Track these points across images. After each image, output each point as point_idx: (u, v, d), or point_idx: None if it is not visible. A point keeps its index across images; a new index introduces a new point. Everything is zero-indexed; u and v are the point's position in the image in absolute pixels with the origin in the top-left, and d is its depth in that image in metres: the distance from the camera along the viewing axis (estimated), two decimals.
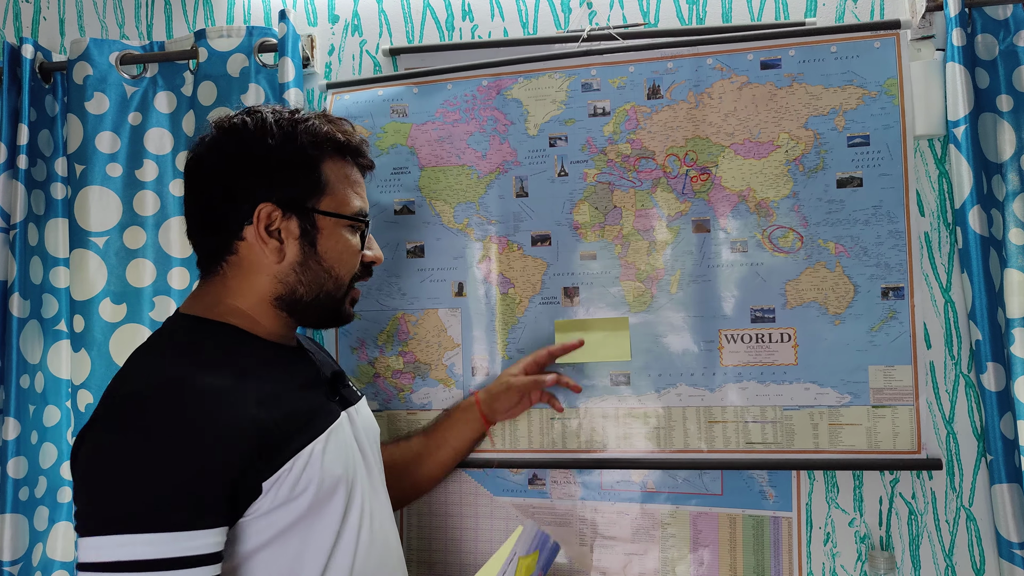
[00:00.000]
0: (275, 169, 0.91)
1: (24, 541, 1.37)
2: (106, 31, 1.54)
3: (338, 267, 0.94)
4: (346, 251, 0.95)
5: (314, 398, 0.93)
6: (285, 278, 0.92)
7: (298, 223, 0.91)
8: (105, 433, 0.77)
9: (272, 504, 0.80)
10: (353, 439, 0.97)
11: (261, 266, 0.91)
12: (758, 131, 1.25)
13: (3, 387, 1.38)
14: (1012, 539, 1.16)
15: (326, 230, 0.93)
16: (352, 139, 0.97)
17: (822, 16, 1.32)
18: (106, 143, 1.40)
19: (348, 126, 0.98)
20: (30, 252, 1.42)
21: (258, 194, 0.90)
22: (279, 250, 0.90)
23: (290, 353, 0.97)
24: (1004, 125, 1.22)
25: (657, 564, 1.28)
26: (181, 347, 0.87)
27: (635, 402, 1.27)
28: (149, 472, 0.73)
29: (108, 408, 0.79)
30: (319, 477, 0.84)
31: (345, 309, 0.99)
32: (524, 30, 1.41)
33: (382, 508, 0.99)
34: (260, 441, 0.79)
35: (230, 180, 0.90)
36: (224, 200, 0.91)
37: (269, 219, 0.90)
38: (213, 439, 0.76)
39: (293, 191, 0.91)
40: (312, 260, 0.92)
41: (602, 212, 1.30)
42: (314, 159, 0.93)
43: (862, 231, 1.21)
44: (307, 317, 0.97)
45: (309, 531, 0.84)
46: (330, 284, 0.94)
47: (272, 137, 0.91)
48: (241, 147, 0.91)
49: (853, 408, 1.20)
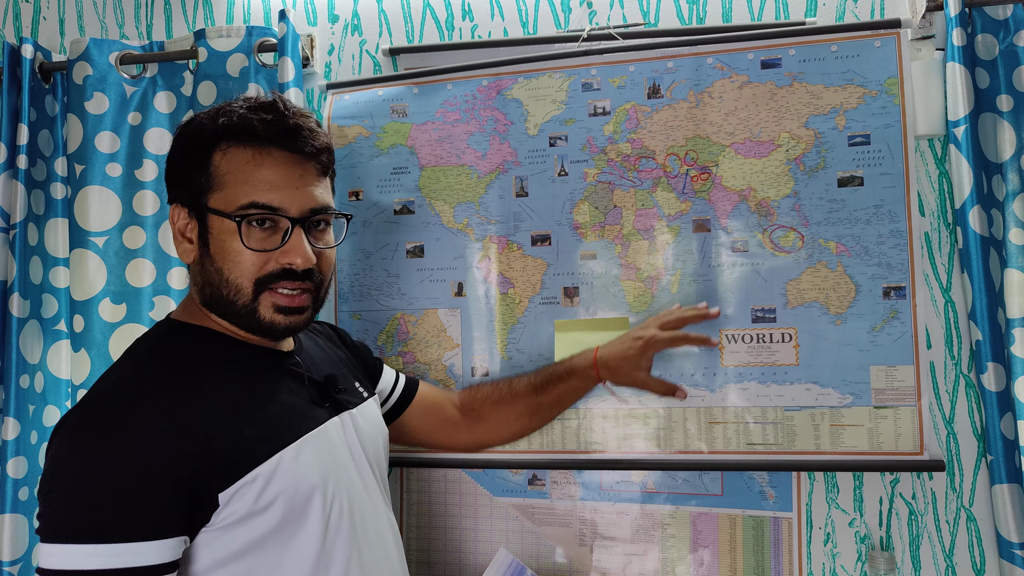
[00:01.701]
0: (178, 169, 0.90)
1: (24, 541, 1.37)
2: (106, 31, 1.54)
3: (227, 268, 0.86)
4: (232, 250, 0.85)
5: (292, 405, 0.90)
6: (195, 279, 0.91)
7: (197, 222, 0.88)
8: (64, 440, 0.78)
9: (235, 516, 0.79)
10: (344, 445, 0.93)
11: (190, 267, 0.92)
12: (759, 130, 1.25)
13: (3, 387, 1.38)
14: (1012, 539, 1.16)
15: (214, 228, 0.86)
16: (238, 120, 0.85)
17: (822, 16, 1.32)
18: (106, 143, 1.40)
19: (261, 108, 0.87)
20: (30, 252, 1.42)
21: (172, 195, 0.91)
22: (189, 251, 0.90)
23: (271, 357, 0.93)
24: (1004, 125, 1.22)
25: (657, 565, 1.28)
26: (150, 355, 0.87)
27: (635, 403, 1.26)
28: (95, 483, 0.74)
29: (72, 413, 0.80)
30: (291, 487, 0.83)
31: (262, 316, 0.87)
32: (524, 30, 1.41)
33: (378, 517, 0.95)
34: (211, 453, 0.78)
35: (166, 186, 0.93)
36: (168, 203, 0.93)
37: (179, 219, 0.90)
38: (157, 452, 0.75)
39: (189, 189, 0.88)
40: (207, 260, 0.87)
41: (602, 212, 1.30)
42: (205, 150, 0.87)
43: (863, 230, 1.21)
44: (235, 324, 0.90)
45: (286, 545, 0.83)
46: (224, 287, 0.86)
47: (178, 135, 0.91)
48: (168, 154, 0.92)
49: (855, 409, 1.19)
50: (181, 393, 0.81)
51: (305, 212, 0.87)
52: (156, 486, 0.75)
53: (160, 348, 0.88)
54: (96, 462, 0.75)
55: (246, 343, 0.91)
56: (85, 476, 0.75)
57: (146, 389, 0.80)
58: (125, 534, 0.73)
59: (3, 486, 1.34)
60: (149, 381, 0.82)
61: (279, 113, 0.87)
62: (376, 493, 0.97)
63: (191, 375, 0.84)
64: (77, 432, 0.78)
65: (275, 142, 0.86)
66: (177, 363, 0.86)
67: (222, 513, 0.79)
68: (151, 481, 0.75)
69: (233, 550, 0.80)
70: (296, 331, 0.92)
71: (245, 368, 0.90)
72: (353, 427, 0.97)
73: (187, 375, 0.84)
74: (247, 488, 0.80)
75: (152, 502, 0.75)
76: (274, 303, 0.87)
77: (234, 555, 0.80)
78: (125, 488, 0.74)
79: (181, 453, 0.77)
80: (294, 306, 0.88)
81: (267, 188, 0.85)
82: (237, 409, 0.84)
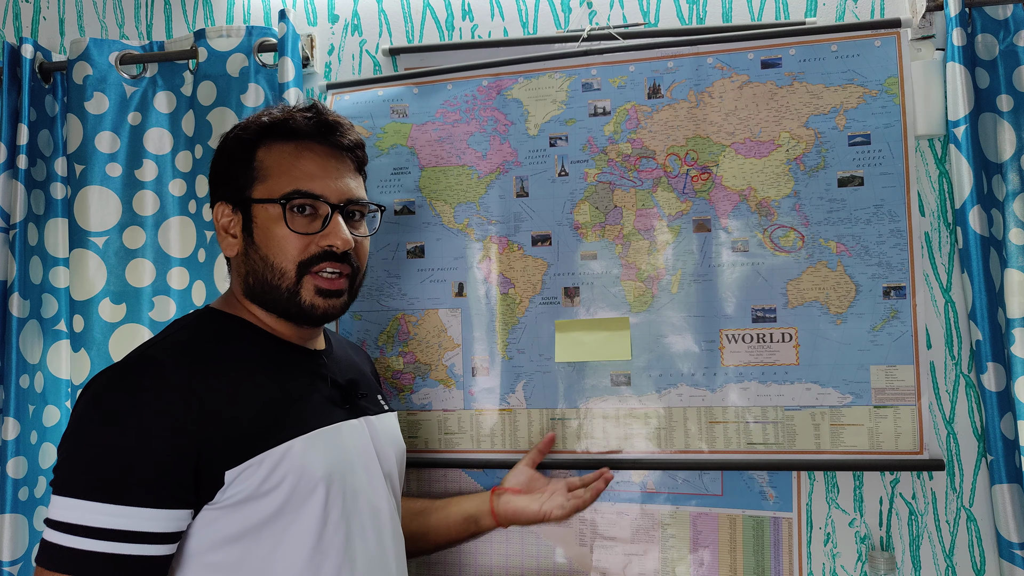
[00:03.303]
0: (223, 169, 0.97)
1: (24, 541, 1.37)
2: (106, 31, 1.54)
3: (272, 254, 0.91)
4: (277, 235, 0.91)
5: (310, 400, 0.92)
6: (239, 269, 0.96)
7: (242, 216, 0.94)
8: (85, 399, 0.82)
9: (238, 496, 0.81)
10: (356, 448, 0.94)
11: (232, 261, 0.97)
12: (759, 130, 1.25)
13: (3, 387, 1.38)
14: (1012, 539, 1.16)
15: (259, 218, 0.92)
16: (281, 116, 0.93)
17: (822, 15, 1.32)
18: (106, 143, 1.40)
19: (300, 109, 0.95)
20: (30, 252, 1.42)
21: (216, 194, 0.98)
22: (232, 244, 0.95)
23: (297, 353, 0.96)
24: (1004, 125, 1.22)
25: (657, 565, 1.28)
26: (180, 333, 0.90)
27: (636, 402, 1.26)
28: (106, 443, 0.78)
29: (99, 376, 0.83)
30: (296, 476, 0.84)
31: (303, 299, 0.92)
32: (524, 30, 1.41)
33: (382, 528, 0.95)
34: (224, 430, 0.81)
35: (209, 189, 1.00)
36: (211, 206, 0.99)
37: (223, 216, 0.96)
38: (169, 420, 0.78)
39: (234, 185, 0.95)
40: (252, 249, 0.93)
41: (603, 212, 1.30)
42: (249, 149, 0.94)
43: (863, 230, 1.21)
44: (276, 310, 0.94)
45: (281, 536, 0.84)
46: (269, 272, 0.91)
47: (223, 140, 0.98)
48: (212, 159, 0.99)
49: (855, 408, 1.20)
50: (202, 369, 0.84)
51: (343, 200, 0.94)
52: (164, 454, 0.78)
53: (192, 329, 0.92)
54: (110, 423, 0.78)
55: (278, 338, 0.95)
56: (98, 435, 0.78)
57: (169, 360, 0.83)
58: (128, 497, 0.76)
59: (3, 486, 1.34)
60: (173, 354, 0.85)
61: (318, 111, 0.95)
62: (384, 501, 0.97)
63: (216, 355, 0.88)
64: (97, 393, 0.81)
65: (314, 137, 0.94)
66: (205, 343, 0.89)
67: (227, 492, 0.81)
68: (160, 448, 0.78)
69: (229, 533, 0.82)
70: (333, 317, 0.96)
71: (271, 360, 0.93)
72: (369, 433, 0.98)
73: (212, 355, 0.87)
74: (254, 469, 0.82)
75: (158, 469, 0.78)
76: (316, 285, 0.92)
77: (229, 538, 0.82)
78: (134, 452, 0.77)
79: (193, 425, 0.79)
80: (333, 289, 0.93)
81: (307, 178, 0.92)
82: (255, 394, 0.87)
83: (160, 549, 0.78)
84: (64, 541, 0.76)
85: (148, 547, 0.77)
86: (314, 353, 0.99)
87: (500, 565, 1.33)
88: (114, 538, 0.76)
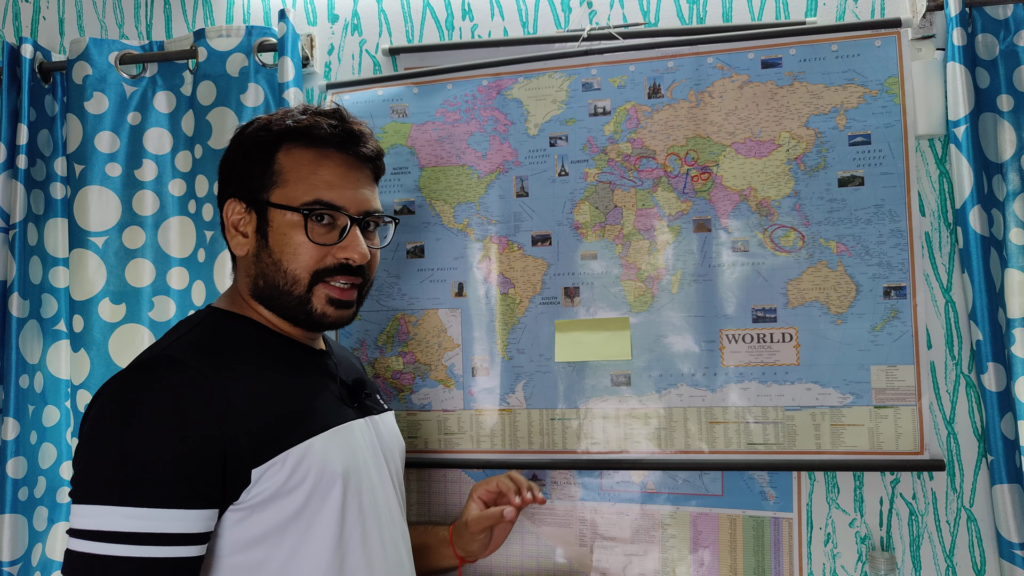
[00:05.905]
0: (237, 166, 0.95)
1: (23, 541, 1.37)
2: (105, 31, 1.54)
3: (287, 260, 0.90)
4: (293, 242, 0.90)
5: (324, 398, 0.93)
6: (248, 270, 0.94)
7: (256, 216, 0.93)
8: (103, 404, 0.80)
9: (263, 495, 0.81)
10: (367, 447, 0.96)
11: (240, 260, 0.95)
12: (759, 130, 1.25)
13: (2, 387, 1.37)
14: (1013, 539, 1.16)
15: (275, 222, 0.91)
16: (306, 121, 0.91)
17: (822, 15, 1.32)
18: (105, 143, 1.40)
19: (324, 114, 0.93)
20: (29, 252, 1.42)
21: (228, 191, 0.95)
22: (243, 244, 0.94)
23: (306, 353, 0.97)
24: (1004, 125, 1.22)
25: (657, 565, 1.28)
26: (192, 333, 0.89)
27: (636, 403, 1.26)
28: (131, 447, 0.76)
29: (112, 381, 0.82)
30: (317, 471, 0.84)
31: (315, 308, 0.91)
32: (524, 30, 1.41)
33: (393, 523, 0.97)
34: (248, 429, 0.80)
35: (219, 182, 0.98)
36: (218, 202, 0.98)
37: (234, 213, 0.94)
38: (195, 420, 0.78)
39: (250, 184, 0.93)
40: (264, 252, 0.91)
41: (603, 212, 1.29)
42: (268, 149, 0.92)
43: (864, 230, 1.21)
44: (283, 313, 0.93)
45: (303, 536, 0.84)
46: (281, 278, 0.90)
47: (240, 135, 0.96)
48: (226, 152, 0.97)
49: (855, 408, 1.19)
50: (221, 369, 0.83)
51: (361, 212, 0.93)
52: (191, 454, 0.77)
53: (202, 329, 0.90)
54: (133, 424, 0.76)
55: (288, 337, 0.95)
56: (121, 437, 0.76)
57: (189, 359, 0.82)
58: (156, 499, 0.75)
59: (3, 486, 1.34)
60: (193, 353, 0.84)
61: (342, 118, 0.94)
62: (393, 499, 0.99)
63: (232, 355, 0.87)
64: (117, 397, 0.79)
65: (336, 145, 0.92)
66: (218, 343, 0.88)
67: (252, 490, 0.80)
68: (186, 449, 0.77)
69: (253, 534, 0.82)
70: (341, 324, 0.96)
71: (284, 359, 0.93)
72: (375, 432, 1.00)
73: (228, 354, 0.87)
74: (278, 467, 0.81)
75: (186, 469, 0.76)
76: (328, 295, 0.92)
77: (253, 540, 0.82)
78: (160, 452, 0.76)
79: (219, 425, 0.78)
80: (344, 299, 0.93)
81: (327, 187, 0.91)
82: (274, 392, 0.86)
83: (191, 550, 0.77)
84: (92, 549, 0.73)
85: (180, 549, 0.76)
86: (321, 352, 1.00)
87: (500, 565, 1.33)
88: (144, 541, 0.74)
